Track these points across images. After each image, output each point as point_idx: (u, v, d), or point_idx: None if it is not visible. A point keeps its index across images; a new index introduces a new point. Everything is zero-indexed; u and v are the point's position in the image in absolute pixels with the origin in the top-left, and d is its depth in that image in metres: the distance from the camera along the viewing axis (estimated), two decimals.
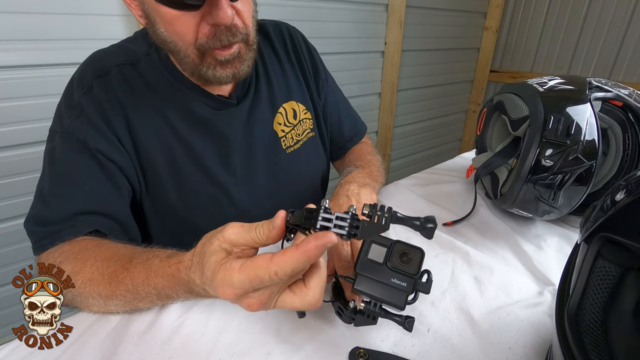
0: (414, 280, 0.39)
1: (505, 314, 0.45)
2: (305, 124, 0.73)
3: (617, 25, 1.82)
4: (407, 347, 0.41)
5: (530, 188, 0.55)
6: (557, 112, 0.54)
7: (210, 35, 0.49)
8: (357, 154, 0.80)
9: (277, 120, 0.68)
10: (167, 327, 0.44)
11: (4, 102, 0.97)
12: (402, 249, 0.40)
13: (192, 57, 0.52)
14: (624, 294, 0.28)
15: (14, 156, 1.03)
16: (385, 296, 0.38)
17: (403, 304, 0.38)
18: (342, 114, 0.81)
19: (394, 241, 0.41)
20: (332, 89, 0.80)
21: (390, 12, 1.72)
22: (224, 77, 0.54)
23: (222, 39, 0.50)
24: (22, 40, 0.95)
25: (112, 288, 0.44)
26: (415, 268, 0.39)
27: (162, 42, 0.52)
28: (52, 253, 0.49)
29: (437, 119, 2.32)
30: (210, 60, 0.52)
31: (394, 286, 0.38)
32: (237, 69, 0.54)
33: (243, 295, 0.32)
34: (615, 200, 0.29)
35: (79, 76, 0.57)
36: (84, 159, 0.53)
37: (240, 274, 0.31)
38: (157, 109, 0.58)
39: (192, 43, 0.50)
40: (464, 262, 0.55)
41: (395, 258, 0.39)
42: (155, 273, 0.42)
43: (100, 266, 0.45)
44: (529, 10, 2.12)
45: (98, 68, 0.56)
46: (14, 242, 1.11)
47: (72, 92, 0.56)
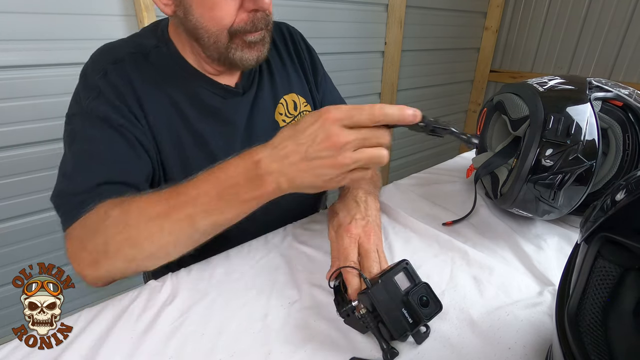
0: (418, 325, 0.41)
1: (505, 314, 0.45)
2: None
3: (617, 25, 1.81)
4: (407, 346, 0.41)
5: (530, 188, 0.55)
6: (557, 112, 0.54)
7: (247, 20, 0.54)
8: None
9: (278, 111, 0.71)
10: (167, 327, 0.44)
11: (4, 102, 0.97)
12: (426, 293, 0.42)
13: (223, 41, 0.55)
14: (624, 294, 0.28)
15: (14, 156, 1.03)
16: (389, 318, 0.40)
17: (399, 335, 0.40)
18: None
19: (424, 283, 0.43)
20: (330, 87, 0.82)
21: (390, 12, 1.72)
22: (250, 59, 0.58)
23: (257, 24, 0.55)
24: (22, 40, 0.95)
25: (171, 204, 0.44)
26: (427, 316, 0.41)
27: (192, 28, 0.55)
28: (95, 211, 0.48)
29: None
30: (238, 42, 0.56)
31: (401, 316, 0.40)
32: (260, 52, 0.58)
33: (340, 125, 0.37)
34: (615, 200, 0.29)
35: (92, 64, 0.58)
36: (105, 131, 0.54)
37: (343, 107, 0.38)
38: (168, 97, 0.59)
39: (226, 27, 0.54)
40: (464, 261, 0.55)
41: (416, 297, 0.41)
42: (219, 167, 0.43)
43: (151, 193, 0.46)
44: (529, 10, 2.12)
45: (112, 56, 0.58)
46: (14, 242, 1.11)
47: (87, 79, 0.57)
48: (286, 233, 0.64)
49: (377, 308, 0.40)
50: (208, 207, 0.43)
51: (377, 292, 0.40)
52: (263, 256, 0.58)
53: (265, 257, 0.58)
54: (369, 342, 0.42)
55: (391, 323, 0.40)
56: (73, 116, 0.56)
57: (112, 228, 0.45)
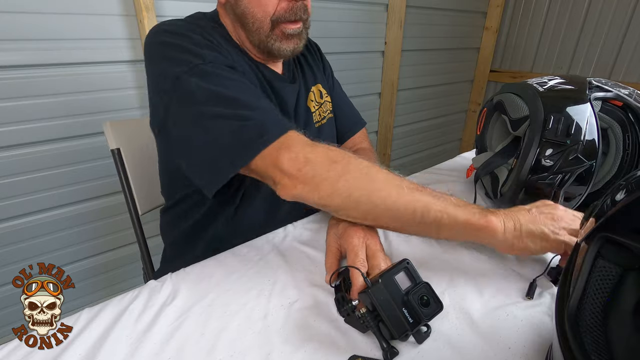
0: (419, 325, 0.40)
1: (504, 314, 0.45)
2: (327, 105, 0.82)
3: (617, 25, 1.81)
4: (407, 346, 0.41)
5: (531, 188, 0.55)
6: (557, 112, 0.54)
7: (288, 9, 0.59)
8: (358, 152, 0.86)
9: (310, 98, 0.77)
10: (167, 327, 0.44)
11: (4, 102, 0.97)
12: (427, 293, 0.42)
13: (265, 29, 0.61)
14: (624, 294, 0.28)
15: (14, 156, 1.03)
16: (389, 317, 0.40)
17: (398, 335, 0.40)
18: (344, 106, 0.88)
19: (424, 282, 0.43)
20: (338, 90, 0.88)
21: (390, 12, 1.72)
22: (287, 49, 0.63)
23: (296, 13, 0.60)
24: (22, 40, 0.95)
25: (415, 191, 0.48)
26: (427, 316, 0.41)
27: (241, 14, 0.61)
28: (315, 144, 0.51)
29: (437, 119, 2.31)
30: (278, 33, 0.61)
31: (402, 316, 0.40)
32: (297, 44, 0.64)
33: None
34: (615, 200, 0.29)
35: (186, 25, 0.60)
36: (242, 77, 0.58)
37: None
38: (247, 63, 0.65)
39: (269, 14, 0.60)
40: (464, 261, 0.55)
41: (417, 296, 0.41)
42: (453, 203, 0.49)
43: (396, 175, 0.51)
44: (529, 10, 2.12)
45: (198, 23, 0.62)
46: (14, 242, 1.11)
47: (184, 38, 0.56)
48: (286, 233, 0.64)
49: (377, 307, 0.40)
50: (447, 204, 0.48)
51: (377, 292, 0.40)
52: (263, 256, 0.58)
53: (265, 257, 0.58)
54: (369, 342, 0.42)
55: (391, 322, 0.40)
56: (186, 72, 0.52)
57: (356, 172, 0.48)
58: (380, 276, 0.42)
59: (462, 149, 2.63)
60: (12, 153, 1.03)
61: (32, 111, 1.01)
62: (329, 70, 0.87)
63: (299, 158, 0.48)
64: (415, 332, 0.41)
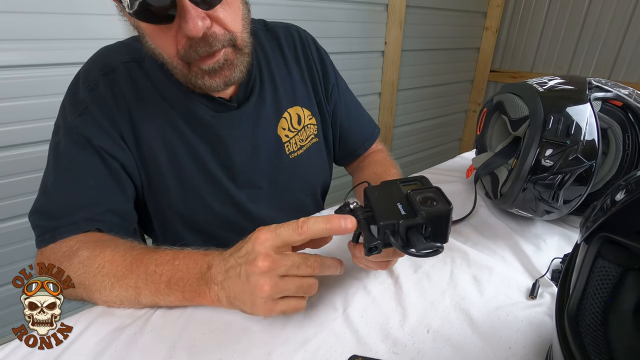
0: (414, 221, 0.35)
1: (504, 314, 0.45)
2: (310, 129, 0.72)
3: (617, 25, 1.81)
4: (408, 346, 0.41)
5: (530, 188, 0.55)
6: (557, 112, 0.54)
7: (187, 47, 0.48)
8: (375, 161, 0.78)
9: (281, 125, 0.67)
10: (168, 326, 0.44)
11: (4, 102, 0.97)
12: (434, 196, 0.36)
13: (180, 68, 0.52)
14: (624, 293, 0.28)
15: (14, 156, 1.03)
16: (379, 208, 0.36)
17: (385, 220, 0.35)
18: (353, 120, 0.80)
19: (435, 188, 0.38)
20: (343, 93, 0.78)
21: (390, 12, 1.72)
22: (214, 86, 0.53)
23: (198, 50, 0.48)
24: (22, 40, 0.95)
25: (132, 268, 0.46)
26: (426, 215, 0.35)
27: (153, 55, 0.52)
28: (67, 241, 0.51)
29: (437, 119, 2.32)
30: (196, 70, 0.51)
31: (394, 207, 0.36)
32: (228, 76, 0.53)
33: (270, 247, 0.38)
34: (615, 200, 0.29)
35: (84, 72, 0.57)
36: (87, 155, 0.54)
37: (272, 227, 0.39)
38: (161, 108, 0.58)
39: (174, 55, 0.49)
40: (463, 261, 0.55)
41: (420, 197, 0.36)
42: (184, 254, 0.45)
43: (122, 250, 0.47)
44: (529, 10, 2.12)
45: (104, 65, 0.57)
46: (14, 242, 1.11)
47: (77, 89, 0.56)
48: None
49: (370, 200, 0.36)
50: (156, 288, 0.45)
51: (374, 188, 0.37)
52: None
53: None
54: (368, 340, 0.42)
55: (380, 211, 0.36)
56: (59, 128, 0.56)
57: (76, 269, 0.47)
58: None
59: (462, 149, 2.63)
60: (12, 153, 1.03)
61: (32, 111, 1.01)
62: (332, 78, 0.74)
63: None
64: (412, 232, 0.35)
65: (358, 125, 0.81)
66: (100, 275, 0.46)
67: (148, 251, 0.47)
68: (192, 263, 0.45)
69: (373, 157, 0.80)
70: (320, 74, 0.74)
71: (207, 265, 0.44)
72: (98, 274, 0.46)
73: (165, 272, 0.45)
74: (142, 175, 0.60)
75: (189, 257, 0.45)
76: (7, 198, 1.06)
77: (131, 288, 0.45)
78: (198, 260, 0.45)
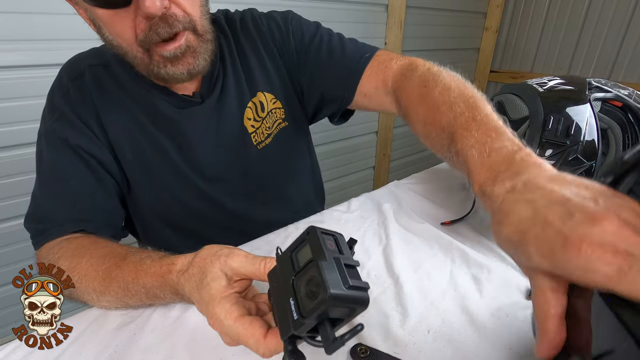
0: (306, 327, 0.27)
1: (504, 315, 0.45)
2: (275, 114, 0.68)
3: (617, 25, 1.81)
4: (408, 346, 0.41)
5: None
6: (556, 113, 0.54)
7: (146, 30, 0.47)
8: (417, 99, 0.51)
9: (246, 116, 0.65)
10: (167, 327, 0.45)
11: (4, 102, 0.97)
12: (316, 278, 0.26)
13: (140, 57, 0.50)
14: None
15: (14, 156, 1.03)
16: (277, 318, 0.30)
17: (284, 337, 0.29)
18: (339, 61, 0.65)
19: (318, 251, 0.28)
20: (317, 47, 0.66)
21: (390, 12, 1.72)
22: (178, 74, 0.51)
23: (159, 32, 0.47)
24: (22, 40, 0.95)
25: (105, 284, 0.45)
26: (317, 316, 0.26)
27: (112, 47, 0.51)
28: (53, 249, 0.52)
29: None
30: (157, 58, 0.50)
31: (288, 313, 0.28)
32: (192, 64, 0.52)
33: (226, 336, 0.36)
34: None
35: (58, 81, 0.60)
36: (66, 155, 0.56)
37: (234, 325, 0.34)
38: (126, 107, 0.59)
39: (133, 41, 0.48)
40: (463, 261, 0.55)
41: (304, 288, 0.27)
42: (146, 272, 0.43)
43: (94, 262, 0.47)
44: (529, 10, 2.12)
45: (73, 71, 0.59)
46: (14, 242, 1.11)
47: (53, 96, 0.59)
48: (287, 233, 0.64)
49: (270, 295, 0.31)
50: (140, 298, 0.45)
51: (273, 274, 0.31)
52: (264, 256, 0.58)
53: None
54: (369, 340, 0.42)
55: (277, 318, 0.30)
56: (41, 136, 0.58)
57: None
58: (281, 253, 0.32)
59: None
60: (12, 153, 1.03)
61: (32, 111, 1.01)
62: (290, 36, 0.66)
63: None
64: (320, 328, 0.27)
65: (334, 72, 0.66)
66: (82, 287, 0.46)
67: (115, 266, 0.45)
68: (157, 281, 0.43)
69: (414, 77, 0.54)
70: (279, 46, 0.67)
71: (174, 285, 0.42)
72: (80, 286, 0.46)
73: (140, 289, 0.44)
74: (120, 173, 0.61)
75: (151, 274, 0.43)
76: (7, 198, 1.06)
77: (115, 300, 0.46)
78: (163, 275, 0.43)
